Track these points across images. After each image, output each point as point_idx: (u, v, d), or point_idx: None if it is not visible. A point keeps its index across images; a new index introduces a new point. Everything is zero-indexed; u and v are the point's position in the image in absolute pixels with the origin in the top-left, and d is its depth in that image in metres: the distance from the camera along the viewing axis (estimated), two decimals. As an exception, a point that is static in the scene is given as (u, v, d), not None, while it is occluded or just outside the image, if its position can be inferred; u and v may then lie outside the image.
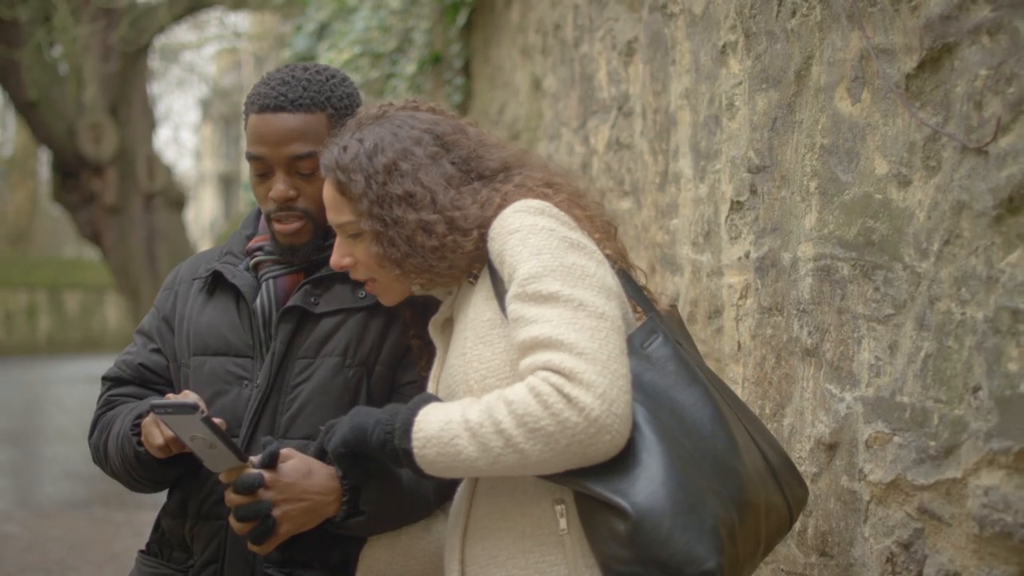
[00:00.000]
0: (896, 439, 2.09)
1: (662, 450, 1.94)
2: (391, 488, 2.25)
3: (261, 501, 2.20)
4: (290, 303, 2.46)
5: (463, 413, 1.98)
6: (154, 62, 23.55)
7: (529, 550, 2.03)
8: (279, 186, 2.42)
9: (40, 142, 19.22)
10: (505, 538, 2.06)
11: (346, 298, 2.47)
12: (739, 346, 2.73)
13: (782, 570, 2.56)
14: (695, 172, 2.98)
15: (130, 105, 18.59)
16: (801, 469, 2.44)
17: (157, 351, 2.59)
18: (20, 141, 30.91)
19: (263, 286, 2.49)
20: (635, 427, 1.95)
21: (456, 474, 2.01)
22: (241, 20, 25.93)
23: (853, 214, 2.23)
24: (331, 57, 8.57)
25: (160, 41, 21.52)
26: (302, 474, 2.23)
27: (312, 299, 2.46)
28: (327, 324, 2.46)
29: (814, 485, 2.39)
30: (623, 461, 1.93)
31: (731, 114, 2.75)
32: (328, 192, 2.26)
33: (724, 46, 2.78)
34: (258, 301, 2.48)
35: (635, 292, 2.20)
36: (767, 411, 2.60)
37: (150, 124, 20.09)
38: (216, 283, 2.56)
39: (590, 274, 2.02)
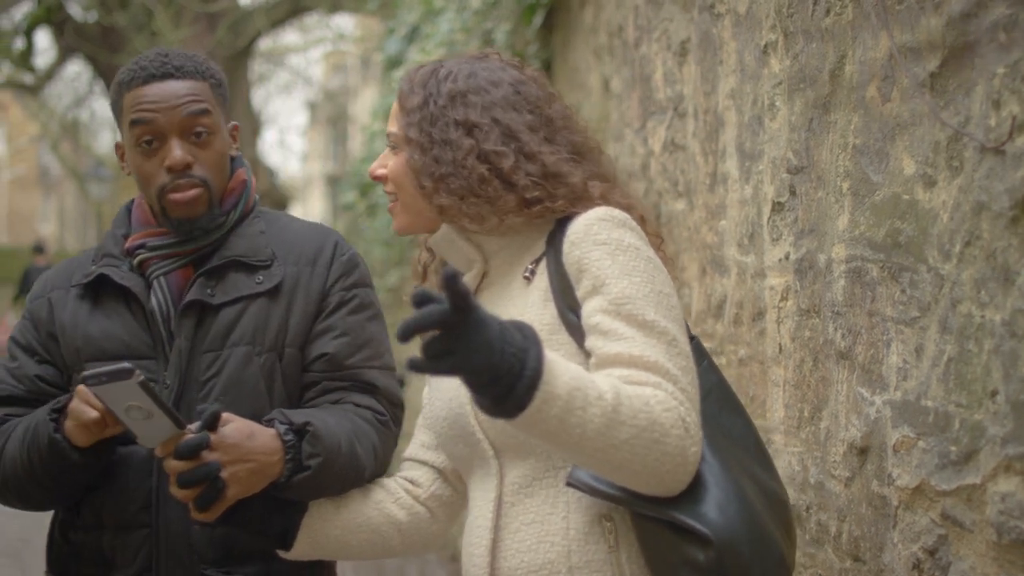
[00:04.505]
0: (921, 444, 2.06)
1: (726, 476, 1.91)
2: (331, 444, 2.23)
3: (208, 463, 2.12)
4: (188, 298, 2.37)
5: (595, 384, 1.81)
6: (261, 66, 23.81)
7: (576, 567, 1.96)
8: (176, 152, 2.34)
9: (145, 145, 19.51)
10: (549, 552, 1.98)
11: (243, 285, 2.39)
12: (780, 348, 2.70)
13: (819, 574, 2.53)
14: (741, 173, 2.95)
15: (232, 109, 18.79)
16: (836, 473, 2.41)
17: (47, 362, 2.44)
18: (130, 144, 31.54)
19: (155, 284, 2.40)
20: None
21: (548, 438, 1.81)
22: (345, 22, 26.14)
23: (883, 215, 2.20)
24: (419, 60, 8.63)
25: (265, 44, 21.76)
26: (245, 435, 2.17)
27: (208, 291, 2.37)
28: (228, 314, 2.37)
29: (847, 489, 2.36)
30: (693, 486, 1.89)
31: (772, 114, 2.72)
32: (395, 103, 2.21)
33: (766, 46, 2.75)
34: (153, 300, 2.38)
35: None
36: (805, 414, 2.57)
37: (253, 127, 20.28)
38: (99, 288, 2.43)
39: (674, 305, 1.97)
